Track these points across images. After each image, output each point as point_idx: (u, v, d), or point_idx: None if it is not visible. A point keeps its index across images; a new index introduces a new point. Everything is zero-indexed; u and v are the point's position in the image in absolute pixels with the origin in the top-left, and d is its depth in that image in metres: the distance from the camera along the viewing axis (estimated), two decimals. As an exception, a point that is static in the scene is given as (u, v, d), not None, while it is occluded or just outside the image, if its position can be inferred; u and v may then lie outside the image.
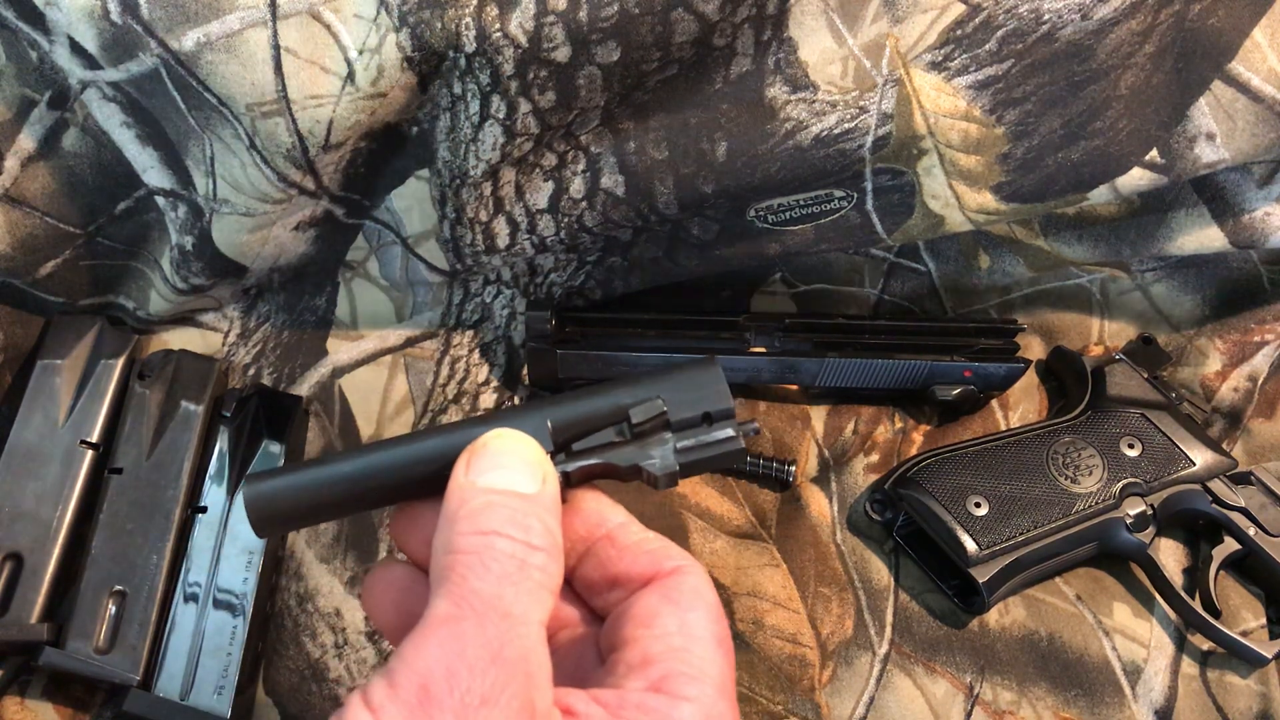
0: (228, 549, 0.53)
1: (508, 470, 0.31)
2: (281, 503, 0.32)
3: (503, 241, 0.61)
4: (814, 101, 0.54)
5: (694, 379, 0.32)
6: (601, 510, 0.34)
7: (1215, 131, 0.56)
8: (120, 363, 0.57)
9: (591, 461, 0.31)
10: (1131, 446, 0.59)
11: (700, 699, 0.29)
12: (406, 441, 0.33)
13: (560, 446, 0.31)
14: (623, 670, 0.30)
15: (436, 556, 0.30)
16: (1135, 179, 0.57)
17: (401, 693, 0.26)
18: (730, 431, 0.32)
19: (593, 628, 0.34)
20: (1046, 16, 0.52)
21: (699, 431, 0.32)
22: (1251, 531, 0.57)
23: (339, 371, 0.64)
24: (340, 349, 0.65)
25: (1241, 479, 0.59)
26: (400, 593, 0.34)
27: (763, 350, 0.62)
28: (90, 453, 0.55)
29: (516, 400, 0.64)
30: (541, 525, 0.30)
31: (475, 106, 0.54)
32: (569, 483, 0.31)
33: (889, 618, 0.57)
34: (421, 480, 0.33)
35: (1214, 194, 0.61)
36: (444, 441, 0.32)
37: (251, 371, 0.63)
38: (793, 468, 0.60)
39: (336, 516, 0.35)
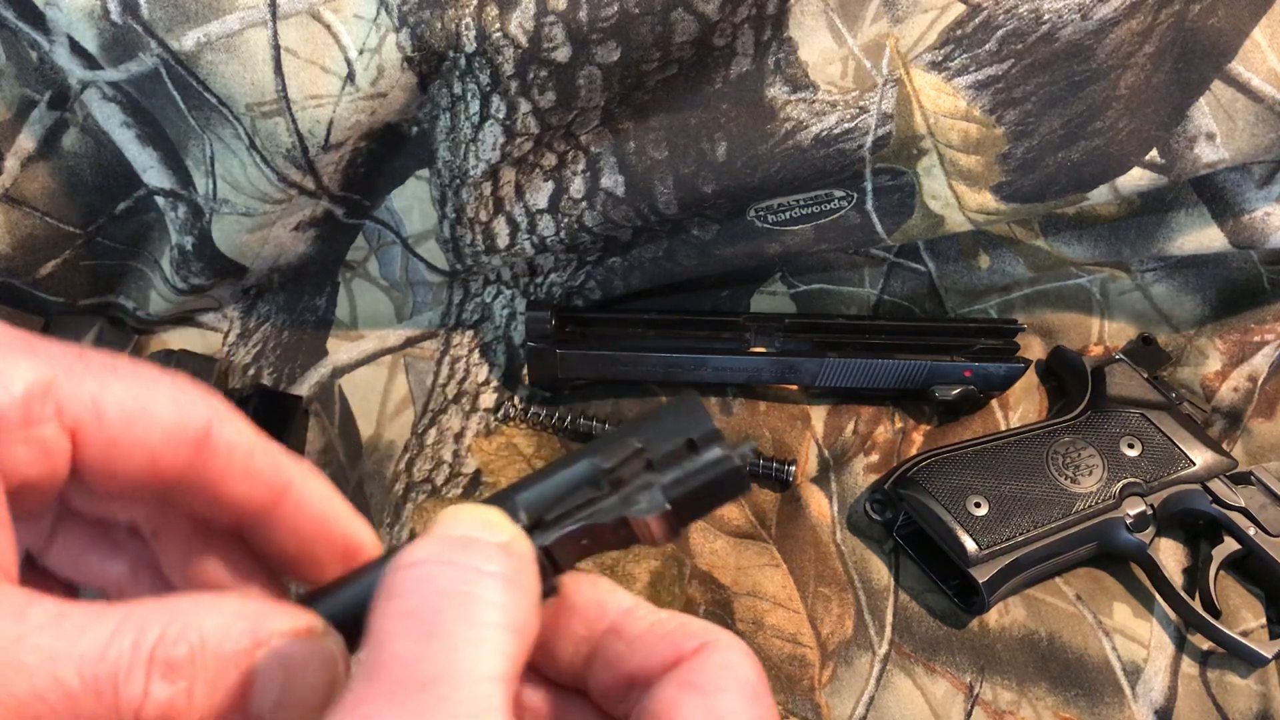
0: (228, 549, 0.53)
1: (461, 524, 0.24)
2: None
3: (503, 241, 0.60)
4: (814, 101, 0.54)
5: (670, 414, 0.29)
6: (600, 598, 0.28)
7: (1215, 131, 0.56)
8: (120, 363, 0.57)
9: (570, 528, 0.27)
10: (1131, 446, 0.59)
11: None
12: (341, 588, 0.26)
13: (534, 523, 0.27)
14: None
15: None
16: (1135, 179, 0.56)
17: None
18: (719, 451, 0.28)
19: None
20: (1046, 16, 0.52)
21: (685, 462, 0.28)
22: (1251, 531, 0.57)
23: (339, 371, 0.64)
24: (340, 349, 0.65)
25: (1241, 479, 0.59)
26: None
27: (763, 350, 0.62)
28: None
29: (516, 400, 0.64)
30: (501, 556, 0.23)
31: (475, 106, 0.54)
32: (554, 565, 0.27)
33: (889, 618, 0.57)
34: None
35: (1214, 194, 0.61)
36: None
37: (251, 371, 0.63)
38: (793, 468, 0.60)
39: None
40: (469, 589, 0.21)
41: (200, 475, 0.25)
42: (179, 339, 0.63)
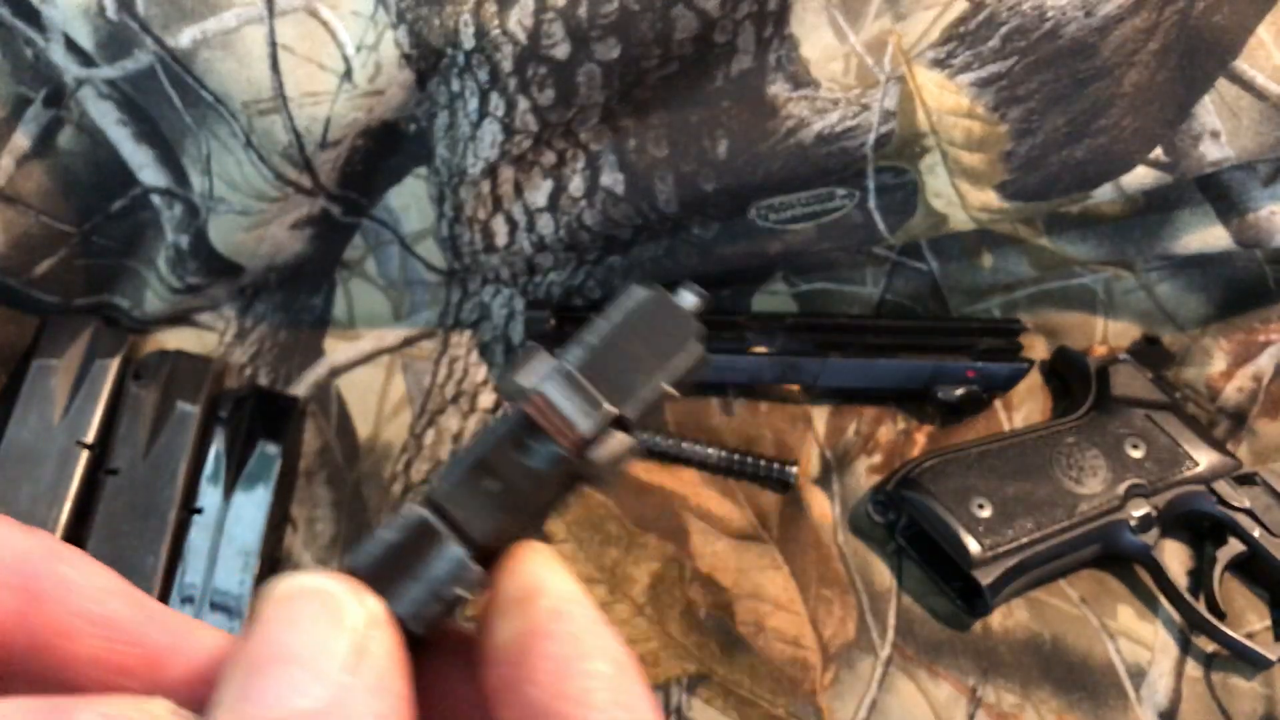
0: (224, 551, 0.53)
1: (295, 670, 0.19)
2: None
3: (501, 240, 0.60)
4: (816, 99, 0.54)
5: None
6: (541, 581, 0.22)
7: (1220, 129, 0.56)
8: (116, 363, 0.57)
9: (457, 471, 0.22)
10: (1136, 447, 0.59)
11: None
12: None
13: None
14: None
15: None
16: (1140, 177, 0.56)
17: None
18: (641, 293, 0.23)
19: None
20: (1050, 13, 0.52)
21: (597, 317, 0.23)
22: (1256, 533, 0.57)
23: (336, 371, 0.64)
24: (337, 349, 0.64)
25: (1246, 480, 0.59)
26: None
27: (764, 350, 0.61)
28: (85, 454, 0.54)
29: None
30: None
31: (474, 104, 0.54)
32: (469, 544, 0.21)
33: (891, 620, 0.57)
34: None
35: (1219, 193, 0.61)
36: None
37: (248, 372, 0.63)
38: (794, 469, 0.60)
39: None
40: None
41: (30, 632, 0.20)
42: (175, 339, 0.63)
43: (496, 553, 0.22)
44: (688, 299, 0.23)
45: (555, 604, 0.21)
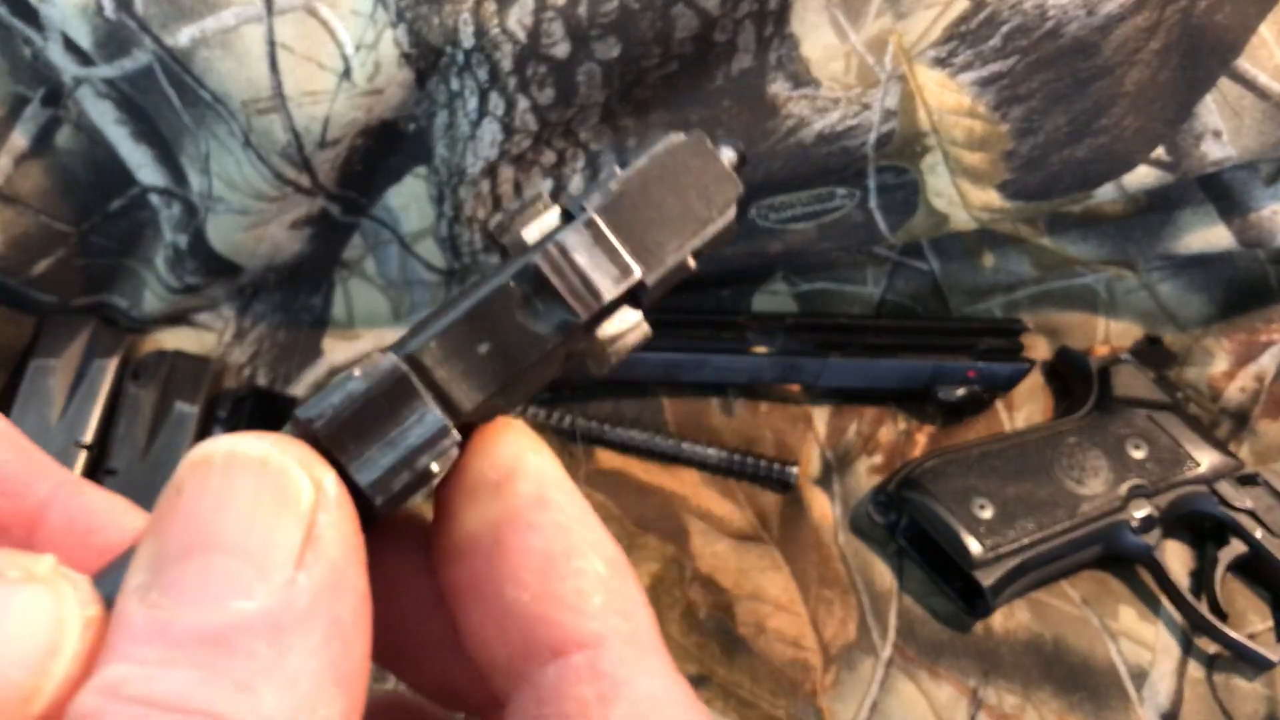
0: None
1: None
2: None
3: (501, 240, 0.60)
4: (816, 98, 0.54)
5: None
6: (520, 453, 0.19)
7: (1222, 129, 0.56)
8: (114, 363, 0.57)
9: (434, 329, 0.18)
10: (1137, 448, 0.59)
11: None
12: None
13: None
14: None
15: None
16: (1141, 177, 0.56)
17: None
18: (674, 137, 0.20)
19: None
20: (1051, 12, 0.52)
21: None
22: (1258, 534, 0.57)
23: (335, 372, 0.63)
24: (337, 349, 0.64)
25: (1248, 480, 0.58)
26: None
27: (764, 350, 0.61)
28: (84, 454, 0.54)
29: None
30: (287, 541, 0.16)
31: (473, 103, 0.54)
32: (448, 410, 0.18)
33: (892, 621, 0.56)
34: None
35: (1221, 192, 0.61)
36: None
37: (247, 372, 0.63)
38: (795, 469, 0.60)
39: None
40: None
41: None
42: (173, 339, 0.63)
43: (470, 427, 0.19)
44: (726, 153, 0.20)
45: (537, 489, 0.18)
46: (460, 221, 0.60)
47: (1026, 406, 0.65)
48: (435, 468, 0.18)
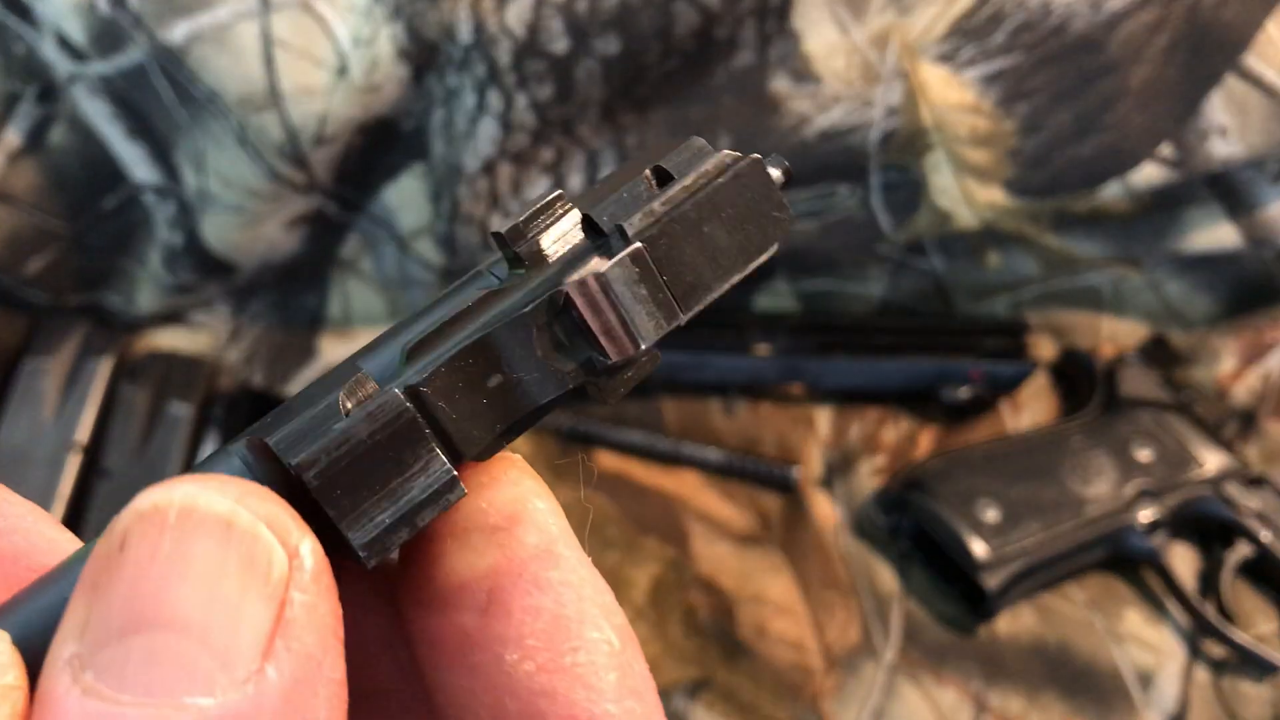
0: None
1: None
2: None
3: (500, 239, 0.60)
4: (818, 95, 0.53)
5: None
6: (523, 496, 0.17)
7: (1228, 126, 0.56)
8: (108, 362, 0.56)
9: (443, 355, 0.16)
10: (1143, 449, 0.58)
11: None
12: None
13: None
14: None
15: None
16: (1147, 174, 0.56)
17: None
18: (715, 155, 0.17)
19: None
20: (1056, 9, 0.51)
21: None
22: (1266, 536, 0.56)
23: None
24: (333, 348, 0.64)
25: (1255, 482, 0.58)
26: None
27: (766, 350, 0.61)
28: (78, 455, 0.54)
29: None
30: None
31: (471, 100, 0.53)
32: (446, 441, 0.16)
33: (895, 624, 0.56)
34: None
35: (1227, 190, 0.60)
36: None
37: (242, 371, 0.62)
38: (796, 471, 0.60)
39: None
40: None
41: None
42: (169, 338, 0.62)
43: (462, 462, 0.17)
44: (774, 173, 0.18)
45: (544, 541, 0.16)
46: (458, 219, 0.60)
47: (1031, 407, 0.65)
48: (432, 518, 0.15)
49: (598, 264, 0.16)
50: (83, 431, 0.54)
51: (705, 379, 0.62)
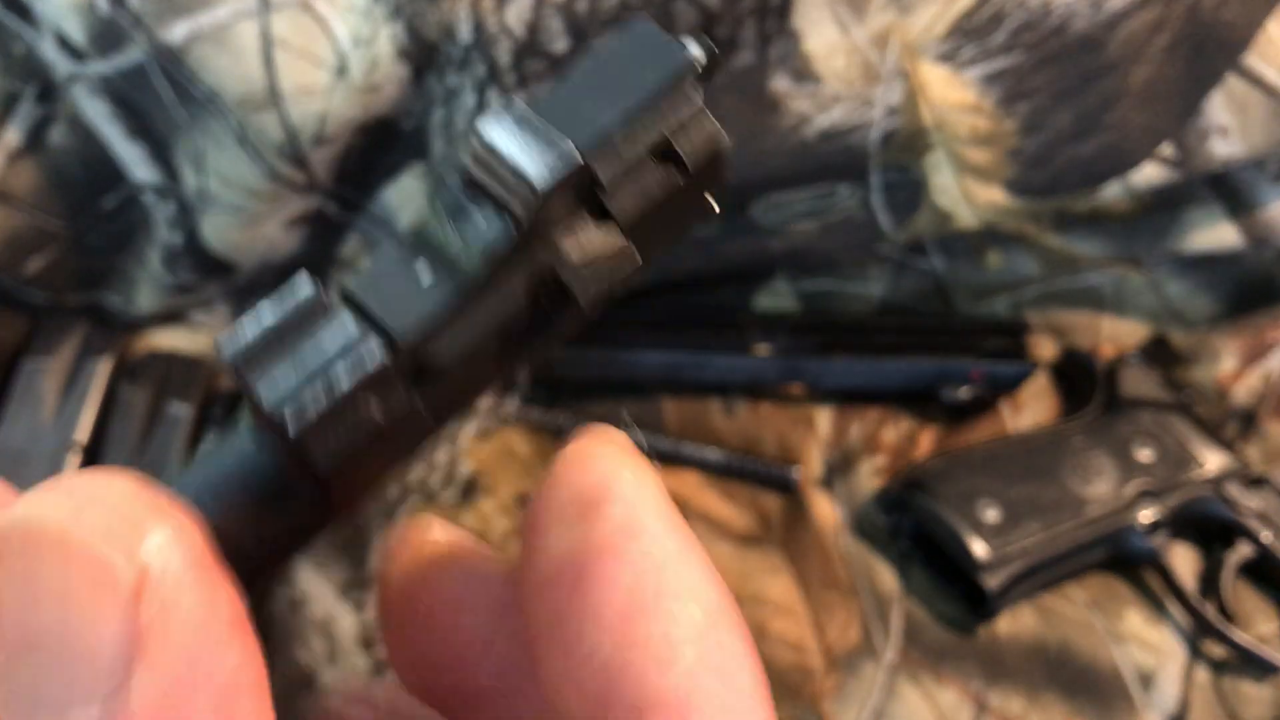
0: (217, 554, 0.52)
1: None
2: None
3: (500, 239, 0.60)
4: (818, 95, 0.53)
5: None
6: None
7: (1229, 126, 0.56)
8: (108, 363, 0.56)
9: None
10: (1144, 449, 0.58)
11: None
12: None
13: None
14: None
15: None
16: (1148, 174, 0.56)
17: None
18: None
19: None
20: (1057, 8, 0.51)
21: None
22: (1267, 536, 0.56)
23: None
24: (334, 349, 0.64)
25: (1257, 482, 0.58)
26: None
27: (766, 350, 0.61)
28: (77, 454, 0.54)
29: (514, 401, 0.63)
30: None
31: (471, 100, 0.53)
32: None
33: (895, 624, 0.56)
34: None
35: (1228, 190, 0.60)
36: None
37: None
38: (797, 471, 0.60)
39: None
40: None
41: None
42: (168, 338, 0.62)
43: (447, 406, 0.16)
44: (692, 46, 0.17)
45: (628, 512, 0.16)
46: (458, 220, 0.60)
47: (1031, 407, 0.65)
48: (374, 406, 0.15)
49: (480, 122, 0.16)
50: (82, 431, 0.54)
51: (705, 379, 0.62)
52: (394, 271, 0.15)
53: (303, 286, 0.15)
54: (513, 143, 0.15)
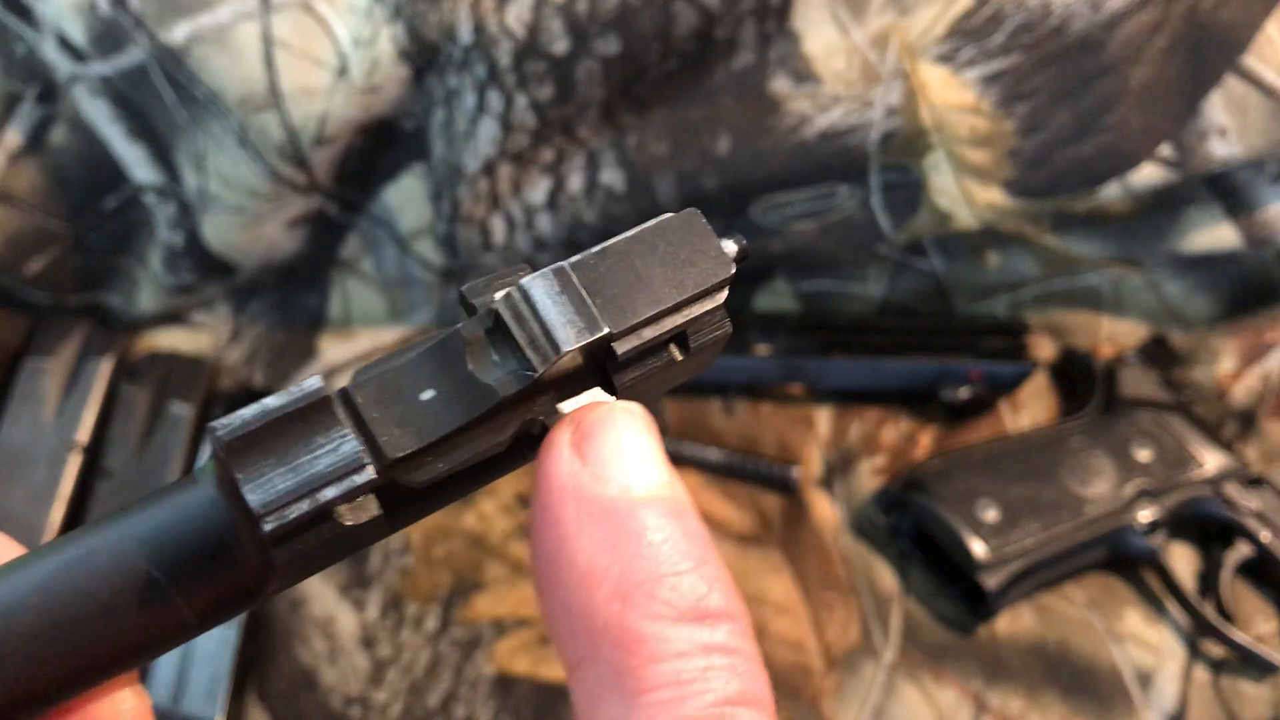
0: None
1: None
2: None
3: (499, 239, 0.60)
4: (818, 95, 0.53)
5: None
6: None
7: (1228, 126, 0.55)
8: (109, 363, 0.56)
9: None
10: (1143, 449, 0.58)
11: None
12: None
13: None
14: None
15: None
16: (1147, 175, 0.56)
17: None
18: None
19: None
20: (1056, 9, 0.51)
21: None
22: (1265, 536, 0.56)
23: (332, 371, 0.63)
24: (333, 348, 0.64)
25: (1255, 482, 0.58)
26: None
27: (766, 350, 0.61)
28: (78, 455, 0.54)
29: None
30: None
31: (471, 100, 0.53)
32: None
33: (895, 624, 0.56)
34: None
35: (1227, 190, 0.60)
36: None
37: (242, 372, 0.62)
38: (796, 471, 0.60)
39: None
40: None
41: None
42: (169, 338, 0.62)
43: (406, 497, 0.17)
44: (727, 244, 0.19)
45: (622, 494, 0.18)
46: (458, 220, 0.60)
47: (1031, 407, 0.64)
48: (346, 515, 0.16)
49: (527, 280, 0.17)
50: (83, 431, 0.54)
51: (705, 379, 0.62)
52: (399, 385, 0.16)
53: (312, 387, 0.16)
54: (551, 306, 0.17)
